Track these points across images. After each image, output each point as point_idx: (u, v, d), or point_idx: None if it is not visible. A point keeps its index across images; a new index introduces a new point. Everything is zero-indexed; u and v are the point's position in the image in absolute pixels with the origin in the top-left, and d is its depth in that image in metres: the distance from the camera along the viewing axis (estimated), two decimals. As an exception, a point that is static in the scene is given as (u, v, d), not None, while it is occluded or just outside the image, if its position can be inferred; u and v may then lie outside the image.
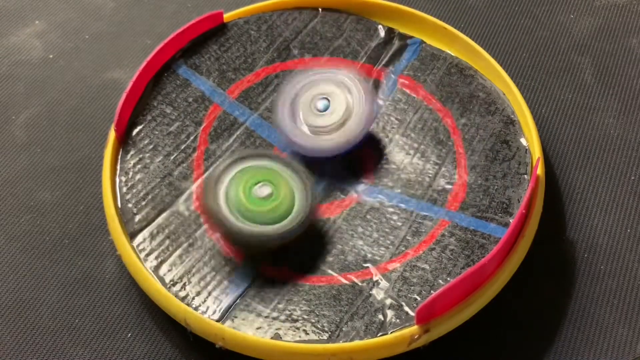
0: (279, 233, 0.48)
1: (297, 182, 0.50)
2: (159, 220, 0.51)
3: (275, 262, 0.50)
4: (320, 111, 0.54)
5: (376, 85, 0.59)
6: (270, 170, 0.50)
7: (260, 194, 0.48)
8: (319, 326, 0.47)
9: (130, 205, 0.52)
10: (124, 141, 0.55)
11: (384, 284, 0.48)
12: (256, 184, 0.49)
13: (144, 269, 0.49)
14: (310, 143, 0.53)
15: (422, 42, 0.61)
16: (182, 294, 0.48)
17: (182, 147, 0.55)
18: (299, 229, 0.48)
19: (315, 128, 0.53)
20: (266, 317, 0.47)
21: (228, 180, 0.49)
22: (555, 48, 0.65)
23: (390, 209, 0.52)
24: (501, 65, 0.60)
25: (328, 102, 0.54)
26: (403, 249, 0.50)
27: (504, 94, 0.58)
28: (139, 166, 0.54)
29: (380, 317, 0.47)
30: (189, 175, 0.54)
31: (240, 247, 0.49)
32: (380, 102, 0.58)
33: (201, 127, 0.56)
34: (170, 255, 0.50)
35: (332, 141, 0.53)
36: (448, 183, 0.53)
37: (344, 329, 0.46)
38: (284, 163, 0.51)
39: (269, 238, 0.48)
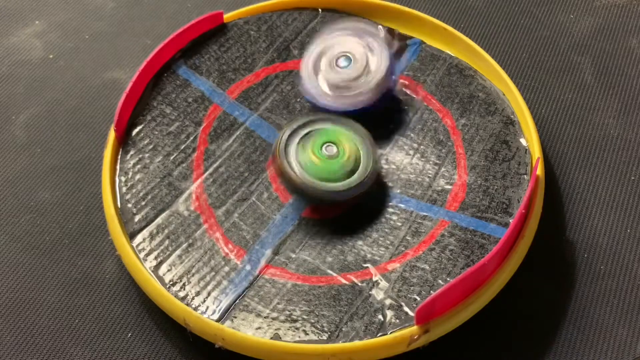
0: (350, 187, 0.51)
1: (360, 141, 0.53)
2: (159, 220, 0.51)
3: (275, 262, 0.50)
4: (342, 68, 0.56)
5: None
6: (333, 132, 0.53)
7: (328, 152, 0.52)
8: (318, 326, 0.46)
9: (130, 205, 0.52)
10: (124, 141, 0.55)
11: (383, 284, 0.48)
12: (323, 144, 0.52)
13: (143, 269, 0.49)
14: (330, 100, 0.56)
15: (422, 42, 0.61)
16: (181, 294, 0.48)
17: (182, 147, 0.55)
18: (368, 182, 0.52)
19: (336, 84, 0.56)
20: (266, 317, 0.47)
21: (295, 143, 0.52)
22: (555, 48, 0.65)
23: (390, 209, 0.52)
24: (501, 65, 0.60)
25: (350, 59, 0.56)
26: (403, 249, 0.50)
27: (504, 94, 0.58)
28: (138, 166, 0.54)
29: (380, 317, 0.47)
30: (188, 175, 0.54)
31: (315, 201, 0.53)
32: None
33: (201, 127, 0.56)
34: (169, 255, 0.50)
35: (350, 97, 0.55)
36: (448, 183, 0.53)
37: (343, 329, 0.46)
38: (345, 124, 0.54)
39: (340, 192, 0.51)
